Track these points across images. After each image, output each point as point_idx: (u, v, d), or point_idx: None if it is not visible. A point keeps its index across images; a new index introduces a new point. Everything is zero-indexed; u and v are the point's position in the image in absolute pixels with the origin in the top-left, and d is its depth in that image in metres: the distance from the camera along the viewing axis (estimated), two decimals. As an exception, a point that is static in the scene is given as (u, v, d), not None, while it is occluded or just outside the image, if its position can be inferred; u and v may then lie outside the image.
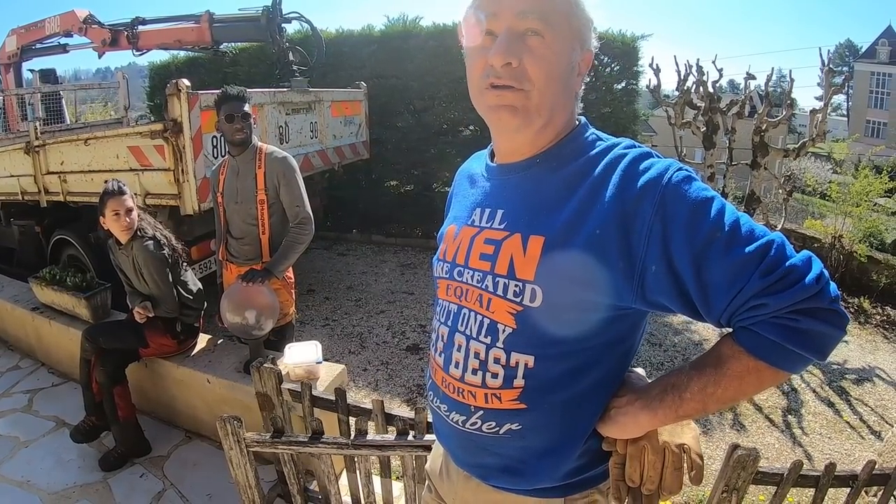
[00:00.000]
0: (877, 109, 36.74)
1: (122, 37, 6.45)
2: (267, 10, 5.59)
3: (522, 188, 1.08)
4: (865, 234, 7.35)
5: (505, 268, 1.03)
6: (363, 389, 4.41)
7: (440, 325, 1.18)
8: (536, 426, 1.07)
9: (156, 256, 3.04)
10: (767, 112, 7.20)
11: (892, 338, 6.20)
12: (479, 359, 1.07)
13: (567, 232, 0.98)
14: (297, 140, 5.40)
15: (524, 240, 1.02)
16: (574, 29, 1.01)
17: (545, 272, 0.99)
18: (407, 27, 8.15)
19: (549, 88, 1.00)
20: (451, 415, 1.15)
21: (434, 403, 1.22)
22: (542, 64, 0.98)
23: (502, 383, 1.06)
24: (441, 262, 1.20)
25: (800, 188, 12.73)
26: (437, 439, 1.34)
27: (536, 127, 1.03)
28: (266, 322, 2.92)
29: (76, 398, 3.40)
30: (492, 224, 1.09)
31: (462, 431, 1.14)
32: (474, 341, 1.08)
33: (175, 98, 3.97)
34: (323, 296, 6.39)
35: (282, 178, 3.01)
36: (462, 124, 8.36)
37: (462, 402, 1.11)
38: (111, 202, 2.96)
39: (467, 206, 1.19)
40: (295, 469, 2.28)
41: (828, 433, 4.19)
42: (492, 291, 1.05)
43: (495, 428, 1.09)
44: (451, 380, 1.13)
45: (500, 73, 0.98)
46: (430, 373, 1.24)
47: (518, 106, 1.00)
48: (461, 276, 1.12)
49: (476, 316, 1.08)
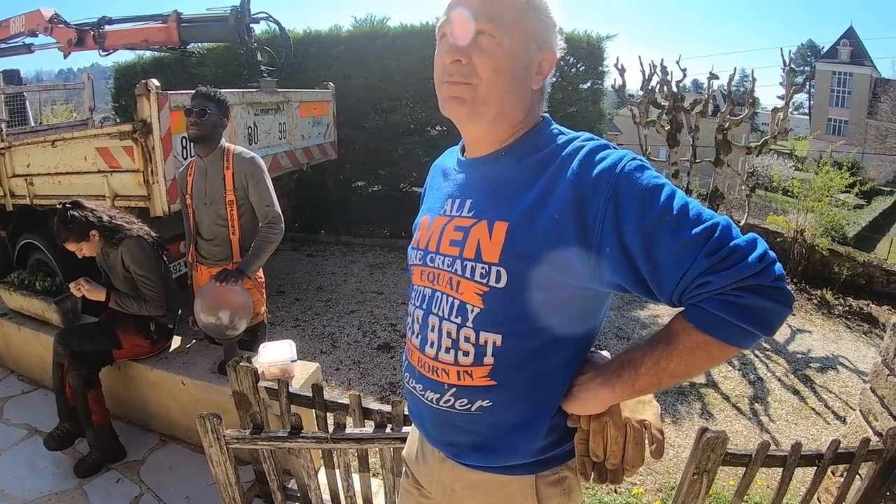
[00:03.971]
0: (838, 108, 37.69)
1: (89, 37, 6.33)
2: (235, 10, 5.54)
3: (489, 178, 1.16)
4: (827, 228, 7.57)
5: (472, 252, 1.10)
6: (336, 388, 4.42)
7: (415, 309, 1.25)
8: (506, 402, 1.14)
9: (146, 253, 3.03)
10: (730, 111, 7.37)
11: (855, 327, 6.41)
12: (451, 338, 1.14)
13: (529, 217, 1.05)
14: (266, 140, 5.39)
15: (490, 225, 1.09)
16: (529, 30, 1.08)
17: (509, 254, 1.06)
18: (374, 27, 8.17)
19: (496, 82, 1.07)
20: (426, 393, 1.21)
21: (410, 384, 1.29)
22: (489, 60, 1.05)
23: (473, 361, 1.12)
24: (415, 250, 1.27)
25: (763, 185, 13.04)
26: (413, 423, 1.40)
27: (487, 117, 1.10)
28: (240, 322, 2.92)
29: (47, 405, 3.36)
30: (461, 212, 1.17)
31: (436, 409, 1.20)
32: (446, 321, 1.15)
33: (144, 98, 3.94)
34: (293, 297, 6.38)
35: (250, 179, 3.02)
36: (429, 124, 8.40)
37: (436, 380, 1.18)
38: (65, 245, 3.01)
39: (440, 197, 1.27)
40: (274, 466, 2.30)
41: (794, 419, 4.32)
42: (460, 274, 1.12)
43: (467, 405, 1.15)
44: (426, 359, 1.20)
45: (451, 71, 1.08)
46: (407, 355, 1.31)
47: (465, 98, 1.08)
48: (433, 262, 1.20)
49: (447, 298, 1.15)
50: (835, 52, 38.55)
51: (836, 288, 7.25)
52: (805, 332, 6.13)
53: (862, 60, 36.96)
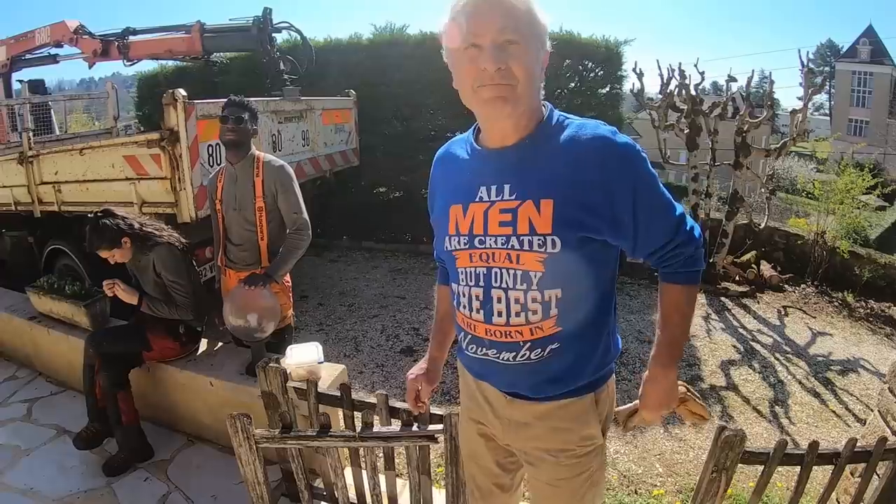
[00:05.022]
0: (859, 108, 37.14)
1: (113, 47, 6.48)
2: (258, 21, 5.65)
3: (522, 165, 1.35)
4: (848, 230, 7.49)
5: (526, 227, 1.31)
6: (360, 391, 4.46)
7: (471, 288, 1.44)
8: (570, 339, 1.40)
9: (177, 259, 3.11)
10: (749, 113, 7.34)
11: (877, 330, 6.34)
12: (520, 303, 1.37)
13: (568, 193, 1.29)
14: (290, 148, 5.47)
15: (536, 204, 1.30)
16: (536, 35, 1.28)
17: (559, 225, 1.29)
18: (394, 35, 8.24)
19: (529, 81, 1.27)
20: (502, 355, 1.44)
21: (479, 353, 1.49)
22: (521, 64, 1.24)
23: (542, 316, 1.37)
24: (456, 236, 1.45)
25: (784, 187, 12.92)
26: (476, 380, 1.61)
27: (520, 111, 1.30)
28: (267, 324, 2.97)
29: (75, 406, 3.42)
30: (502, 197, 1.36)
31: (513, 365, 1.44)
32: (512, 290, 1.37)
33: (171, 108, 4.03)
34: (316, 301, 6.45)
35: (279, 187, 3.08)
36: (449, 130, 8.40)
37: (511, 341, 1.41)
38: (98, 252, 3.07)
39: (465, 185, 1.44)
40: (302, 465, 2.35)
41: (814, 422, 4.30)
42: (519, 248, 1.33)
43: (541, 353, 1.40)
44: (497, 328, 1.41)
45: (493, 76, 1.24)
46: (466, 330, 1.51)
47: (508, 96, 1.26)
48: (483, 244, 1.39)
49: (508, 271, 1.36)
50: (854, 52, 38.02)
51: (858, 290, 7.18)
52: (826, 334, 6.09)
53: (882, 59, 36.42)
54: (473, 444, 1.73)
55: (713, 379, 4.93)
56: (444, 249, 1.49)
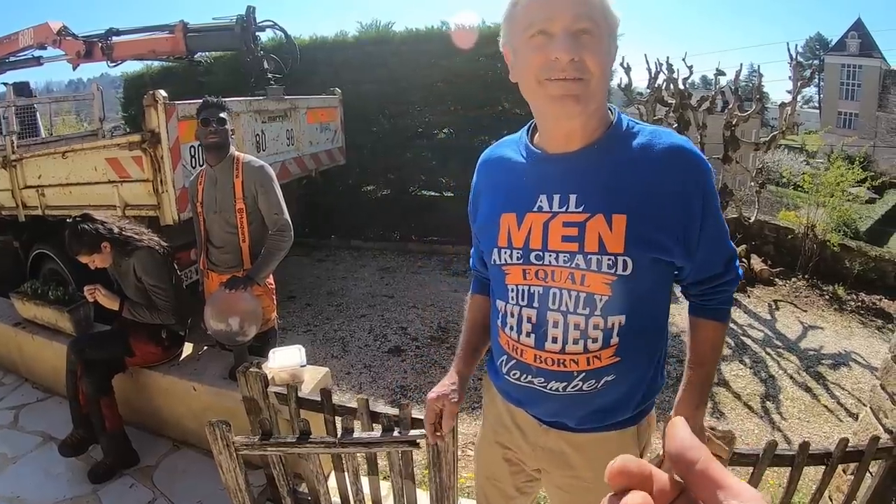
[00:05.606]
0: (848, 101, 37.27)
1: (97, 48, 6.42)
2: (241, 19, 5.60)
3: (590, 173, 1.22)
4: (839, 223, 7.49)
5: (595, 245, 1.19)
6: (347, 392, 4.44)
7: (522, 309, 1.30)
8: (627, 371, 1.29)
9: (157, 263, 3.06)
10: (738, 107, 7.34)
11: (868, 323, 6.34)
12: (580, 329, 1.24)
13: (643, 210, 1.18)
14: (274, 148, 5.42)
15: (608, 219, 1.18)
16: (610, 27, 1.16)
17: (632, 244, 1.17)
18: (380, 33, 8.24)
19: (603, 77, 1.15)
20: (550, 384, 1.31)
21: (522, 381, 1.36)
22: (596, 57, 1.12)
23: (602, 345, 1.24)
24: (508, 249, 1.30)
25: (774, 180, 12.95)
26: (509, 405, 1.49)
27: (589, 111, 1.17)
28: (249, 328, 2.94)
29: (62, 413, 3.39)
30: (567, 208, 1.23)
31: (561, 396, 1.31)
32: (572, 315, 1.24)
33: (152, 109, 3.97)
34: (304, 302, 6.42)
35: (259, 187, 3.05)
36: (436, 127, 8.45)
37: (563, 371, 1.28)
38: (78, 257, 3.02)
39: (522, 193, 1.30)
40: (284, 471, 2.31)
41: (806, 417, 4.29)
42: (585, 268, 1.20)
43: (594, 385, 1.28)
44: (549, 354, 1.28)
45: (565, 68, 1.11)
46: (510, 354, 1.37)
47: (580, 94, 1.13)
48: (541, 260, 1.25)
49: (570, 293, 1.23)
50: (843, 45, 38.13)
51: (849, 283, 7.18)
52: (817, 328, 6.09)
53: (871, 52, 36.53)
54: (495, 466, 1.62)
55: (704, 374, 4.89)
56: (493, 262, 1.34)
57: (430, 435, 1.53)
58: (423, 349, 5.17)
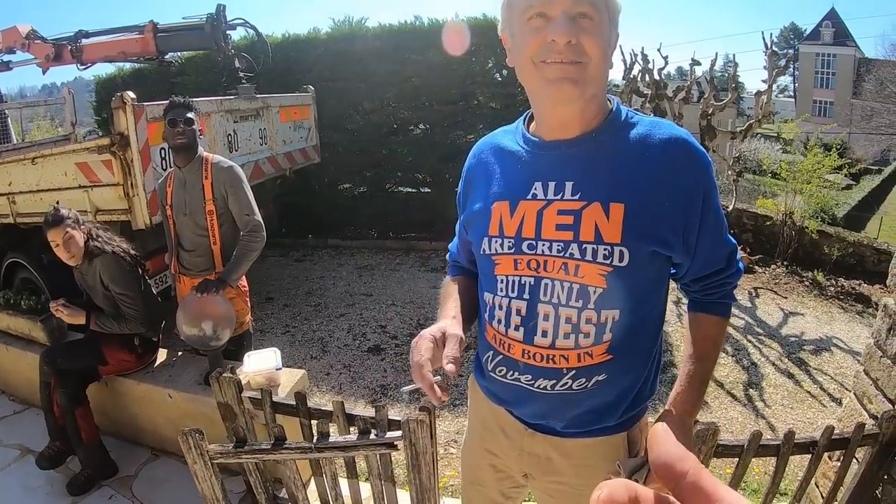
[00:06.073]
0: (823, 89, 37.81)
1: (66, 51, 6.30)
2: (211, 18, 5.51)
3: (587, 161, 1.19)
4: (816, 209, 7.55)
5: (591, 234, 1.15)
6: (327, 394, 4.40)
7: (511, 300, 1.24)
8: (619, 372, 1.23)
9: (124, 271, 2.99)
10: (713, 96, 7.38)
11: (848, 307, 6.40)
12: (572, 322, 1.18)
13: (643, 200, 1.14)
14: (247, 147, 5.36)
15: (605, 207, 1.14)
16: (611, 13, 1.14)
17: (630, 234, 1.13)
18: (353, 29, 8.15)
19: (602, 62, 1.12)
20: (538, 382, 1.24)
21: (509, 378, 1.30)
22: (595, 40, 1.09)
23: (594, 341, 1.19)
24: (499, 238, 1.25)
25: (751, 169, 13.04)
26: (493, 405, 1.43)
27: (587, 97, 1.14)
28: (223, 332, 2.89)
29: (39, 425, 3.32)
30: (562, 196, 1.19)
31: (548, 395, 1.25)
32: (564, 308, 1.18)
33: (121, 111, 3.91)
34: (282, 303, 6.36)
35: (229, 188, 3.00)
36: (412, 123, 8.42)
37: (552, 367, 1.22)
38: (49, 233, 2.90)
39: (516, 180, 1.26)
40: (261, 478, 2.27)
41: (790, 403, 4.31)
42: (579, 258, 1.15)
43: (585, 384, 1.22)
44: (538, 349, 1.22)
45: (562, 50, 1.09)
46: (497, 349, 1.31)
47: (577, 78, 1.10)
48: (533, 249, 1.20)
49: (562, 284, 1.18)
50: (817, 34, 38.61)
51: (828, 269, 7.25)
52: (797, 314, 6.13)
53: (845, 41, 37.04)
54: (481, 471, 1.57)
55: (686, 364, 4.91)
56: (482, 252, 1.29)
57: (428, 391, 1.12)
58: (403, 347, 5.11)
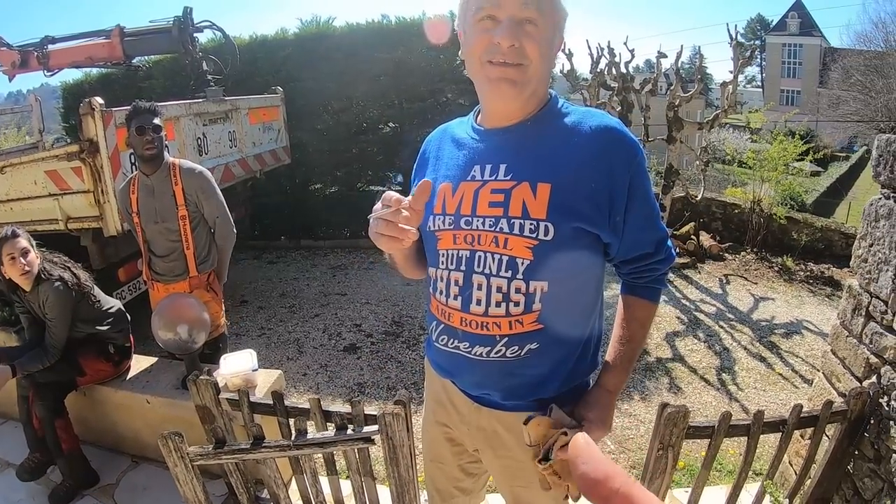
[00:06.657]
0: (790, 79, 38.41)
1: (32, 57, 6.20)
2: (178, 21, 5.48)
3: (520, 146, 1.29)
4: (784, 197, 7.70)
5: (519, 210, 1.24)
6: (305, 394, 4.39)
7: (451, 272, 1.35)
8: (552, 342, 1.32)
9: (62, 297, 2.92)
10: (680, 87, 7.49)
11: (818, 291, 6.56)
12: (502, 292, 1.28)
13: (568, 180, 1.23)
14: (217, 150, 5.33)
15: (532, 186, 1.24)
16: (556, 20, 1.23)
17: (555, 211, 1.22)
18: (320, 28, 8.13)
19: (540, 65, 1.22)
20: (474, 349, 1.35)
21: (450, 346, 1.40)
22: (537, 45, 1.19)
23: (524, 309, 1.28)
24: (441, 215, 1.36)
25: (720, 159, 13.23)
26: (439, 376, 1.55)
27: (526, 95, 1.25)
28: (199, 335, 2.89)
29: (18, 437, 3.28)
30: (496, 176, 1.29)
31: (485, 362, 1.35)
32: (495, 277, 1.28)
33: (89, 117, 3.88)
34: (256, 305, 6.34)
35: (201, 194, 3.01)
36: (381, 121, 8.42)
37: (486, 334, 1.32)
38: (5, 247, 2.83)
39: (459, 164, 1.37)
40: (243, 479, 2.29)
41: (762, 386, 4.42)
42: (507, 232, 1.25)
43: (517, 351, 1.32)
44: (474, 317, 1.32)
45: (505, 52, 1.18)
46: (440, 319, 1.42)
47: (517, 79, 1.21)
48: (469, 225, 1.31)
49: (493, 256, 1.28)
50: (784, 25, 39.19)
51: (797, 254, 7.41)
52: (768, 299, 6.26)
53: (811, 31, 37.67)
54: (439, 447, 1.67)
55: (659, 351, 5.03)
56: (427, 229, 1.39)
57: (393, 211, 1.16)
58: (379, 345, 5.14)
